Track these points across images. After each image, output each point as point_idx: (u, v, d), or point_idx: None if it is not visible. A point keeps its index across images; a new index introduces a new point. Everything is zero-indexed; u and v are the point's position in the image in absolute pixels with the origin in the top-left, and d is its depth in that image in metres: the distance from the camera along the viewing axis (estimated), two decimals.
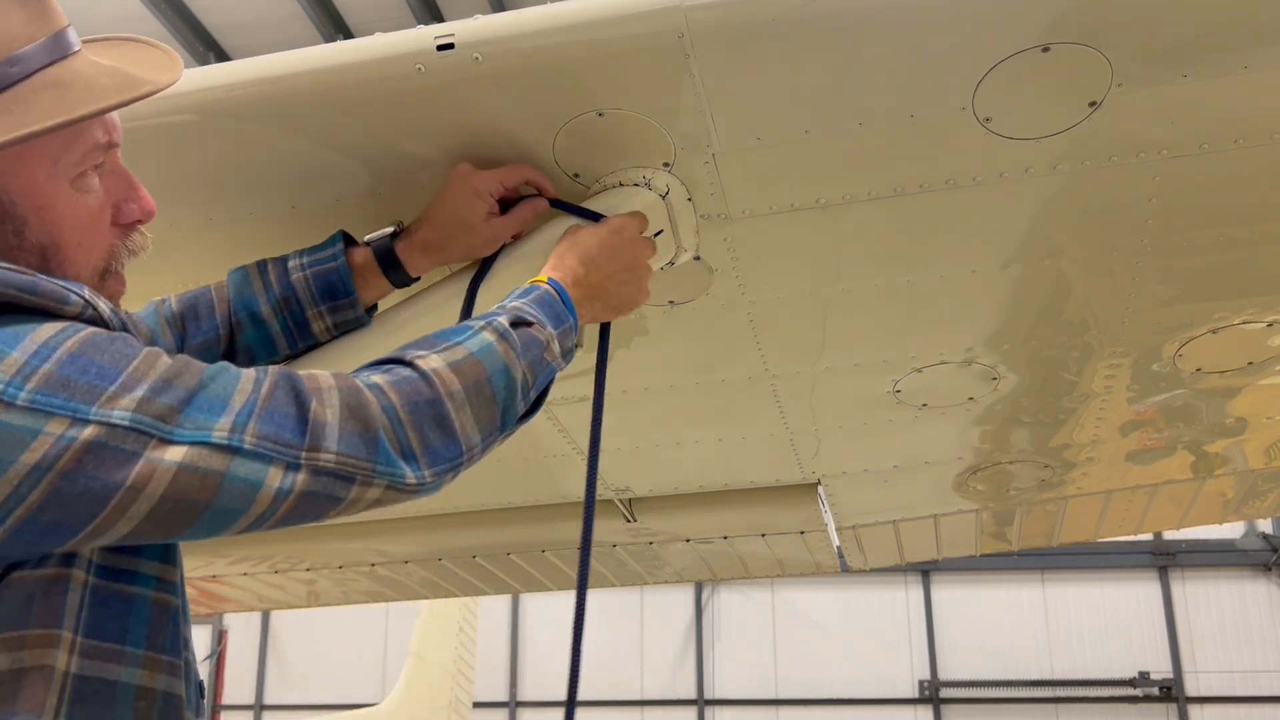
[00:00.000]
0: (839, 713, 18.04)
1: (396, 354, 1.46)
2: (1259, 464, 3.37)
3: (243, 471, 1.23)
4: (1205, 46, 1.72)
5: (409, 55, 1.78)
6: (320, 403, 1.30)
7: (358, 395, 1.33)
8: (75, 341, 1.21)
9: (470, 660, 11.84)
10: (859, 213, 2.07)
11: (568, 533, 3.68)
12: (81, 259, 1.41)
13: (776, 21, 1.68)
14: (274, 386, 1.30)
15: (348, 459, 1.30)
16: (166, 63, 1.48)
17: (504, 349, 1.52)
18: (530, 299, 1.66)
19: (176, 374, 1.24)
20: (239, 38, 13.33)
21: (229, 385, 1.28)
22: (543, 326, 1.61)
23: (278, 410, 1.27)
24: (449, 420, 1.41)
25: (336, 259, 1.89)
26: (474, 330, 1.52)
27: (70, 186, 1.38)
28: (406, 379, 1.40)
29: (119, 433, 1.18)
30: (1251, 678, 17.45)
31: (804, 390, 2.76)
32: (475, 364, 1.47)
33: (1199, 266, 2.28)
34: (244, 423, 1.24)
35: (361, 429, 1.31)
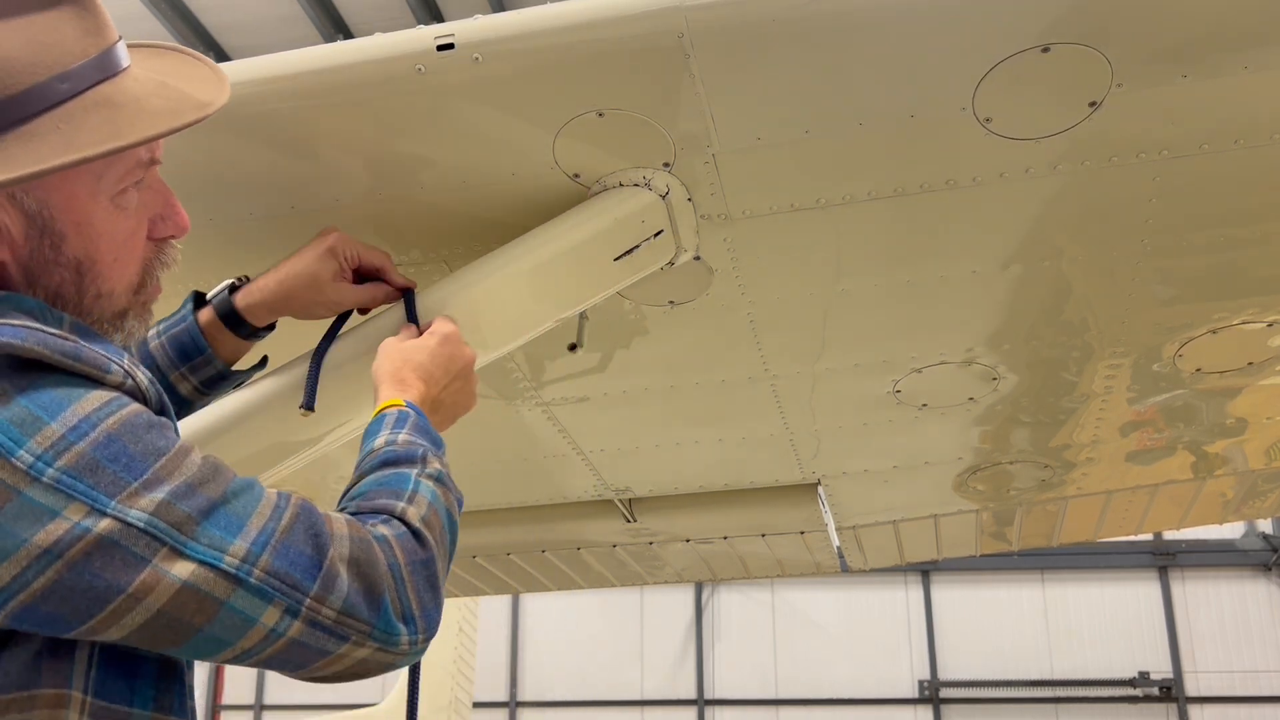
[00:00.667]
0: (839, 713, 18.03)
1: (380, 505, 1.40)
2: (1259, 464, 3.37)
3: (241, 604, 1.19)
4: (1205, 47, 1.72)
5: (409, 55, 1.78)
6: (335, 551, 1.26)
7: (369, 550, 1.29)
8: (115, 421, 1.19)
9: (470, 660, 11.84)
10: (859, 213, 2.07)
11: (568, 533, 3.68)
12: (116, 274, 1.39)
13: (776, 21, 1.68)
14: (294, 519, 1.26)
15: (349, 618, 1.25)
16: (213, 80, 1.46)
17: (443, 493, 1.49)
18: (410, 427, 1.58)
19: (202, 480, 1.21)
20: (239, 38, 13.33)
21: (250, 505, 1.24)
22: (440, 458, 1.57)
23: (294, 547, 1.23)
24: (437, 579, 1.38)
25: (185, 320, 1.85)
26: (414, 476, 1.47)
27: (110, 203, 1.36)
28: (405, 536, 1.36)
29: (133, 533, 1.15)
30: (1251, 678, 17.45)
31: (804, 390, 2.76)
32: (435, 515, 1.43)
33: (1199, 267, 2.28)
34: (257, 553, 1.21)
35: (368, 588, 1.27)
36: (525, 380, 2.68)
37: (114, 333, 1.42)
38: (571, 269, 2.00)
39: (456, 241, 2.15)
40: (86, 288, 1.36)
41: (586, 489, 3.36)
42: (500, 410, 2.82)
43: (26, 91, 1.26)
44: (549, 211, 2.00)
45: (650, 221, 2.00)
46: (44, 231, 1.32)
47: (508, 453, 3.12)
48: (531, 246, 1.97)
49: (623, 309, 2.38)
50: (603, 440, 3.04)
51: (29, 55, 1.27)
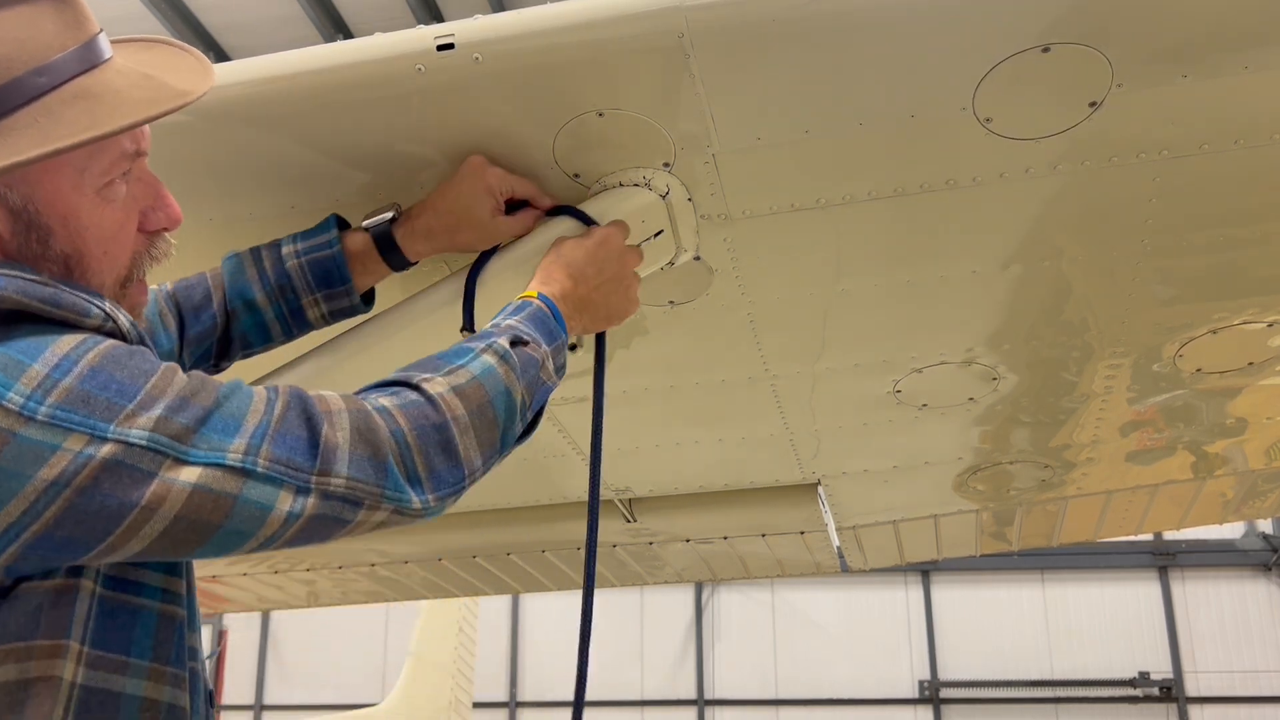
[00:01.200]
0: (839, 713, 18.04)
1: (402, 376, 1.46)
2: (1259, 464, 3.37)
3: (255, 494, 1.24)
4: (1205, 47, 1.72)
5: (409, 55, 1.78)
6: (331, 426, 1.31)
7: (367, 419, 1.34)
8: (96, 355, 1.21)
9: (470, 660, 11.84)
10: (859, 213, 2.07)
11: (568, 533, 3.68)
12: (106, 267, 1.40)
13: (776, 21, 1.68)
14: (286, 408, 1.31)
15: (357, 483, 1.31)
16: (199, 70, 1.46)
17: (504, 371, 1.53)
18: (524, 315, 1.65)
19: (193, 392, 1.25)
20: (239, 38, 13.33)
21: (243, 405, 1.28)
22: (538, 345, 1.62)
23: (290, 433, 1.28)
24: (454, 445, 1.42)
25: (332, 246, 1.89)
26: (475, 352, 1.53)
27: (96, 196, 1.36)
28: (414, 403, 1.40)
29: (136, 451, 1.18)
30: (1251, 678, 17.45)
31: (804, 390, 2.76)
32: (478, 387, 1.48)
33: (1199, 267, 2.28)
34: (258, 444, 1.25)
35: (371, 453, 1.32)
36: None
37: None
38: None
39: None
40: (76, 281, 1.35)
41: (587, 489, 3.36)
42: None
43: (3, 86, 1.27)
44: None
45: (650, 221, 2.00)
46: (30, 226, 1.32)
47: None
48: (532, 247, 1.97)
49: None
50: (603, 440, 3.03)
51: (6, 50, 1.27)
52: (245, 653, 19.79)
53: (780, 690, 18.41)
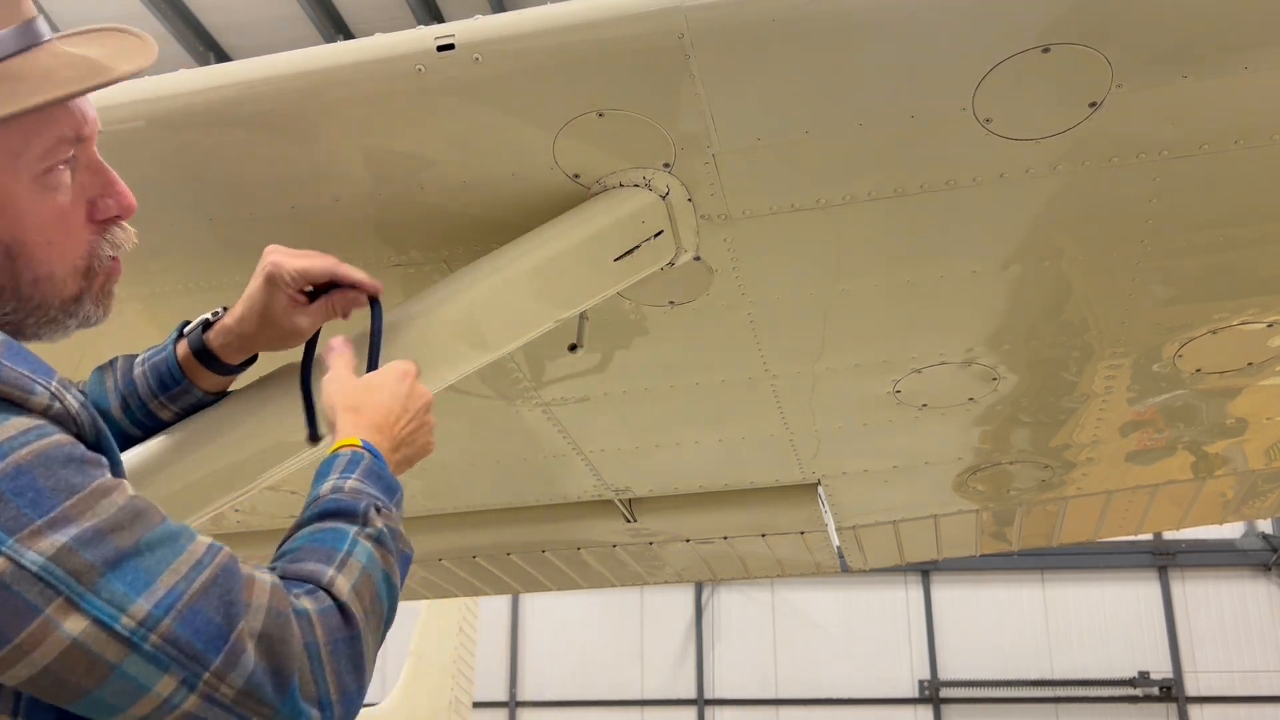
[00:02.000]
0: (839, 713, 18.03)
1: (308, 571, 1.28)
2: (1259, 464, 3.37)
3: (134, 670, 1.10)
4: (1206, 47, 1.72)
5: (409, 56, 1.78)
6: (247, 623, 1.16)
7: (284, 627, 1.19)
8: (29, 452, 1.11)
9: (470, 660, 11.84)
10: (859, 213, 2.07)
11: (568, 533, 3.68)
12: (54, 258, 1.35)
13: (776, 21, 1.68)
14: (211, 581, 1.16)
15: (251, 699, 1.15)
16: (138, 49, 1.42)
17: (382, 556, 1.37)
18: (361, 473, 1.47)
19: (115, 526, 1.13)
20: (239, 38, 13.33)
21: (164, 560, 1.14)
22: (389, 510, 1.45)
23: (202, 613, 1.13)
24: (361, 659, 1.28)
25: (165, 350, 1.79)
26: (352, 535, 1.36)
27: (34, 182, 1.32)
28: (328, 611, 1.25)
29: (26, 577, 1.06)
30: (1251, 678, 17.45)
31: (804, 391, 2.76)
32: (368, 581, 1.32)
33: (1199, 267, 2.28)
34: (159, 616, 1.11)
35: (276, 667, 1.17)
36: (525, 380, 2.68)
37: (68, 319, 1.38)
38: (571, 269, 2.00)
39: (456, 242, 2.15)
40: (20, 272, 1.31)
41: (586, 489, 3.36)
42: (500, 410, 2.82)
43: None
44: (549, 212, 2.00)
45: (650, 222, 2.00)
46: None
47: (508, 453, 3.12)
48: (532, 247, 1.97)
49: (623, 309, 2.38)
50: (603, 440, 3.04)
51: None
52: None
53: (780, 690, 18.41)
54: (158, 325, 2.42)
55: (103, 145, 1.48)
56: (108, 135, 1.50)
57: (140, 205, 1.46)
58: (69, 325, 1.39)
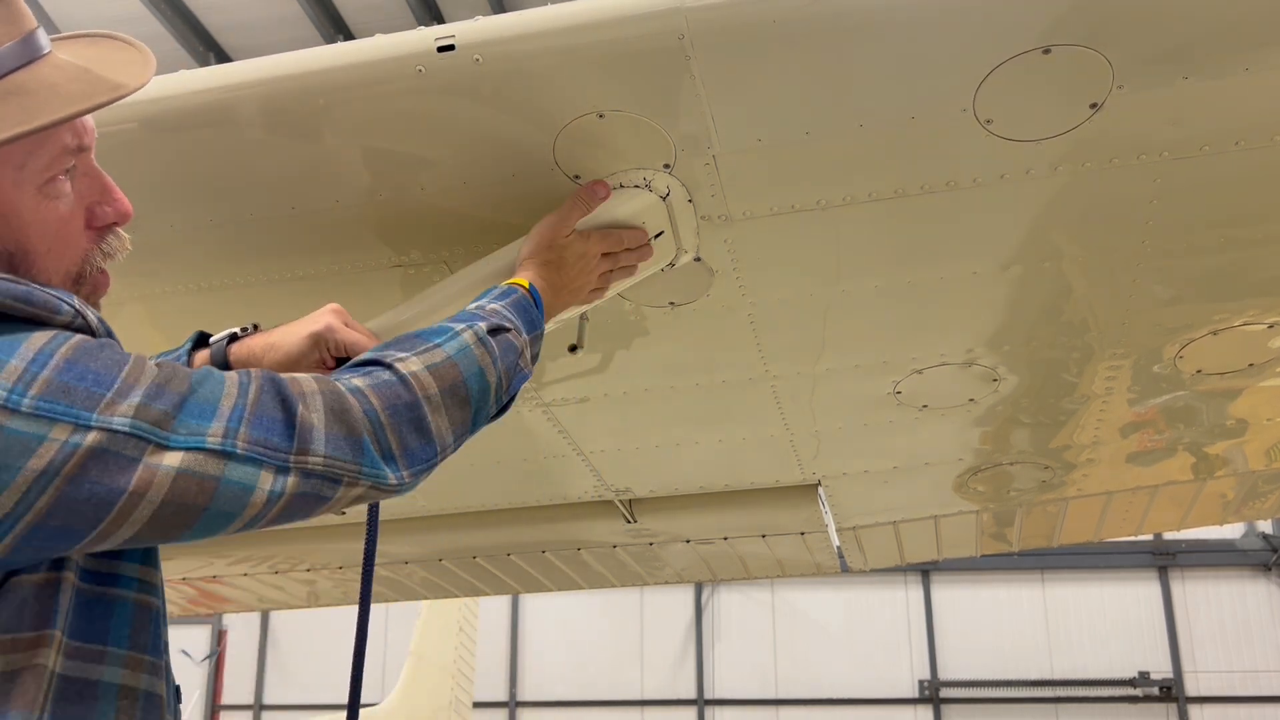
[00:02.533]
0: (839, 713, 18.03)
1: (377, 355, 1.50)
2: (1259, 465, 3.37)
3: (237, 475, 1.26)
4: (1206, 48, 1.72)
5: (409, 56, 1.78)
6: (306, 407, 1.33)
7: (341, 399, 1.37)
8: (69, 348, 1.23)
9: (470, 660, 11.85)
10: (860, 214, 2.07)
11: (568, 533, 3.68)
12: (52, 265, 1.39)
13: (777, 22, 1.67)
14: (260, 391, 1.33)
15: (335, 461, 1.34)
16: (139, 62, 1.46)
17: (481, 353, 1.57)
18: (508, 303, 1.70)
19: (167, 379, 1.27)
20: (239, 38, 13.34)
21: (216, 390, 1.31)
22: (519, 333, 1.66)
23: (265, 414, 1.31)
24: (425, 423, 1.45)
25: (179, 359, 1.83)
26: (454, 333, 1.57)
27: (38, 192, 1.36)
28: (386, 383, 1.44)
29: (120, 439, 1.20)
30: (1251, 678, 17.45)
31: (804, 391, 2.75)
32: (452, 367, 1.52)
33: (1200, 268, 2.28)
34: (235, 427, 1.28)
35: (346, 432, 1.35)
36: None
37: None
38: None
39: (456, 242, 2.15)
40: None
41: (587, 489, 3.36)
42: None
43: None
44: (549, 212, 1.99)
45: (651, 223, 2.00)
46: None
47: (508, 453, 3.12)
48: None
49: (623, 310, 2.38)
50: (603, 441, 3.04)
51: None
52: (245, 653, 19.78)
53: (780, 690, 18.41)
54: (158, 325, 2.42)
55: (102, 147, 1.48)
56: (107, 137, 1.50)
57: (140, 206, 1.47)
58: None
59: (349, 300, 1.91)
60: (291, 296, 2.21)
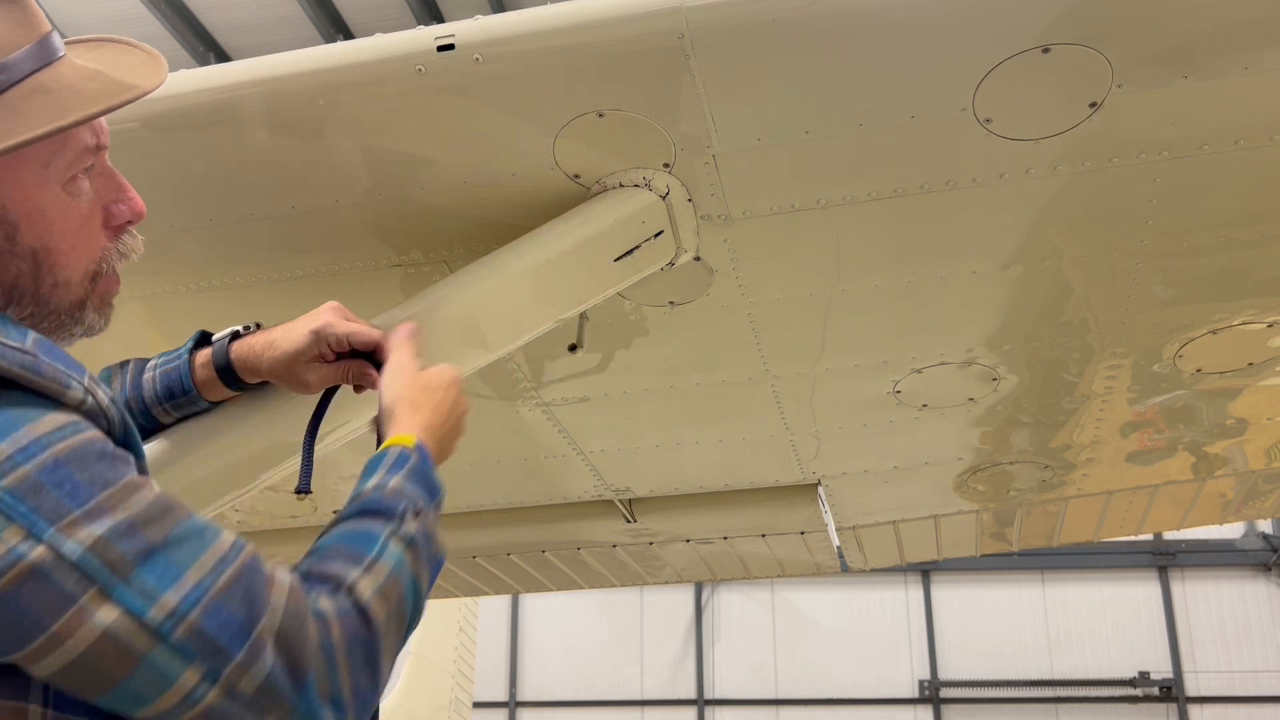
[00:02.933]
0: (839, 713, 18.02)
1: (335, 569, 1.31)
2: (1259, 465, 3.37)
3: (160, 661, 1.13)
4: (1206, 48, 1.72)
5: (409, 56, 1.78)
6: (268, 621, 1.18)
7: (301, 627, 1.21)
8: (66, 446, 1.16)
9: (470, 660, 11.84)
10: (859, 213, 2.07)
11: (568, 533, 3.68)
12: (74, 263, 1.39)
13: (776, 22, 1.68)
14: (235, 577, 1.19)
15: (269, 693, 1.17)
16: (150, 64, 1.46)
17: (412, 560, 1.38)
18: (406, 473, 1.49)
19: (147, 520, 1.16)
20: (239, 38, 13.33)
21: (193, 554, 1.18)
22: (426, 513, 1.46)
23: (226, 609, 1.16)
24: (377, 660, 1.30)
25: (180, 358, 1.82)
26: (385, 539, 1.37)
27: (61, 190, 1.36)
28: (348, 613, 1.27)
29: (64, 567, 1.10)
30: (1251, 678, 17.44)
31: (804, 391, 2.76)
32: (395, 585, 1.34)
33: (1199, 267, 2.28)
34: (186, 610, 1.14)
35: (293, 665, 1.19)
36: (525, 380, 2.68)
37: (74, 325, 1.41)
38: (572, 270, 2.00)
39: (456, 241, 2.15)
40: (44, 277, 1.35)
41: (586, 489, 3.36)
42: (500, 410, 2.82)
43: None
44: (549, 212, 2.00)
45: (650, 222, 2.00)
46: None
47: (508, 453, 3.12)
48: (532, 247, 1.97)
49: (623, 309, 2.38)
50: (603, 440, 3.04)
51: None
52: None
53: (780, 690, 18.40)
54: (158, 325, 2.42)
55: None
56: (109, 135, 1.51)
57: None
58: (75, 332, 1.42)
59: (349, 300, 1.91)
60: (291, 296, 2.22)
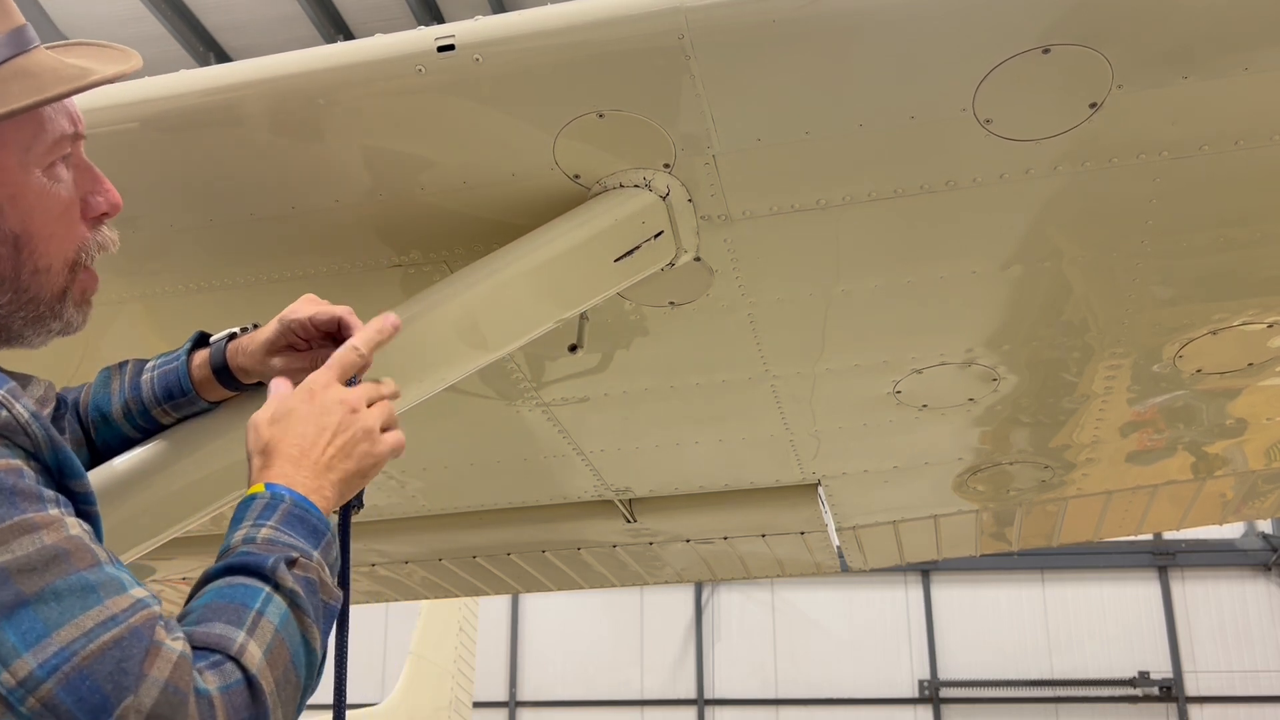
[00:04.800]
0: (839, 713, 18.02)
1: (216, 637, 1.16)
2: (1259, 465, 3.38)
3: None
4: (1206, 48, 1.72)
5: (409, 56, 1.78)
6: (135, 700, 1.05)
7: (179, 707, 1.07)
8: None
9: (470, 660, 11.84)
10: (859, 214, 2.07)
11: (568, 533, 3.68)
12: (54, 250, 1.39)
13: (776, 22, 1.68)
14: (110, 644, 1.06)
15: None
16: (120, 56, 1.47)
17: (298, 617, 1.24)
18: (280, 518, 1.32)
19: (26, 567, 1.06)
20: (239, 38, 13.33)
21: (70, 612, 1.06)
22: (308, 556, 1.30)
23: (89, 681, 1.04)
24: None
25: (177, 359, 1.78)
26: (265, 594, 1.23)
27: (43, 175, 1.37)
28: (236, 688, 1.14)
29: None
30: (1251, 678, 17.44)
31: (804, 391, 2.76)
32: (281, 646, 1.21)
33: (1199, 267, 2.28)
34: (41, 679, 1.03)
35: None
36: (525, 380, 2.68)
37: (53, 320, 1.41)
38: (572, 270, 2.00)
39: (456, 242, 2.15)
40: (24, 263, 1.36)
41: (587, 489, 3.37)
42: (500, 410, 2.82)
43: None
44: (549, 212, 2.00)
45: (650, 222, 2.00)
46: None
47: (508, 453, 3.12)
48: (532, 247, 1.97)
49: (623, 310, 2.38)
50: (603, 440, 3.04)
51: None
52: None
53: (780, 690, 18.40)
54: (158, 325, 2.42)
55: (102, 146, 1.49)
56: (109, 136, 1.51)
57: (140, 206, 1.48)
58: (52, 327, 1.42)
59: (349, 300, 1.91)
60: (291, 296, 2.20)
